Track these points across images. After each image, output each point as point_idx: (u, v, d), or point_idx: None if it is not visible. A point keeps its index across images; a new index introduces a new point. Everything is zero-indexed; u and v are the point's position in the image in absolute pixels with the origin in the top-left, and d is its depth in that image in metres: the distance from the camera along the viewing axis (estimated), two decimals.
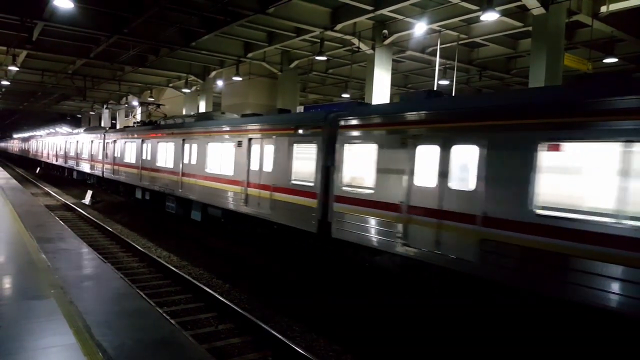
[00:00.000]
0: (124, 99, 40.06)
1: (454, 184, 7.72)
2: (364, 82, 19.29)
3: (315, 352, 6.96)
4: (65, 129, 46.59)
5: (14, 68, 22.90)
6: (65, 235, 10.10)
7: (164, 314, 6.68)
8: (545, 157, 6.49)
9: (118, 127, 40.04)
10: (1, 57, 24.11)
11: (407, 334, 7.71)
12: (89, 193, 24.54)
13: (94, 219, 17.51)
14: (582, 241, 5.98)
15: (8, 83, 31.11)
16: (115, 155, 23.62)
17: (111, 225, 17.06)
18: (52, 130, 51.39)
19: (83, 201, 23.92)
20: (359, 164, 9.63)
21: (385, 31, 17.25)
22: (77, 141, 31.92)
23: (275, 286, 10.29)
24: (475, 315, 7.68)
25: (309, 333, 7.73)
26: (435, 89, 11.94)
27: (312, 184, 10.56)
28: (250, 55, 21.46)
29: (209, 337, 7.37)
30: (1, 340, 4.54)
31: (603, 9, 13.55)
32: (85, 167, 29.83)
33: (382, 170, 8.99)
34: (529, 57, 15.50)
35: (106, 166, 25.19)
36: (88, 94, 33.80)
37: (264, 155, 12.32)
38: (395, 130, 8.79)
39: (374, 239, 9.03)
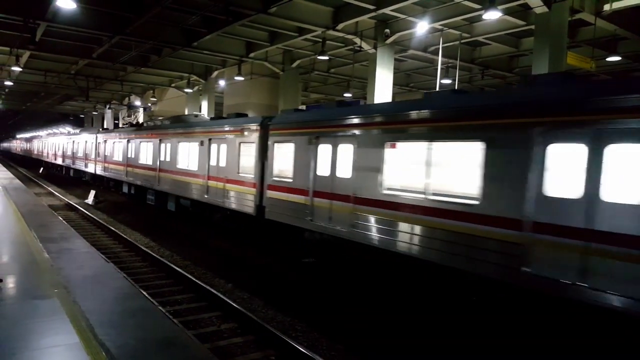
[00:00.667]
0: (127, 99, 40.13)
1: (339, 173, 10.11)
2: (366, 81, 19.27)
3: (317, 351, 6.96)
4: (62, 129, 48.34)
5: (17, 68, 22.95)
6: (69, 235, 10.14)
7: (167, 314, 6.70)
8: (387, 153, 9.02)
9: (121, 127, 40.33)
10: (4, 57, 24.19)
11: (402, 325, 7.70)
12: (92, 193, 24.61)
13: (97, 219, 17.55)
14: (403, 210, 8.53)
15: (11, 83, 31.18)
16: (106, 154, 25.96)
17: (114, 225, 17.10)
18: (50, 131, 53.54)
19: (86, 201, 23.98)
20: (283, 159, 11.93)
21: (387, 30, 17.23)
22: (73, 141, 34.24)
23: (277, 286, 10.30)
24: (463, 306, 7.68)
25: (311, 332, 7.73)
26: (343, 99, 13.82)
27: (252, 176, 12.99)
28: (252, 55, 21.47)
29: (212, 336, 7.38)
30: (5, 339, 4.55)
31: (606, 7, 13.50)
32: (80, 165, 32.16)
33: (297, 163, 11.32)
34: (531, 55, 15.46)
35: (98, 164, 27.49)
36: (91, 94, 33.87)
37: (220, 153, 14.66)
38: (305, 132, 11.13)
39: (294, 218, 11.26)
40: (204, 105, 28.05)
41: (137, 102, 37.59)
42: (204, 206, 15.84)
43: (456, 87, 18.30)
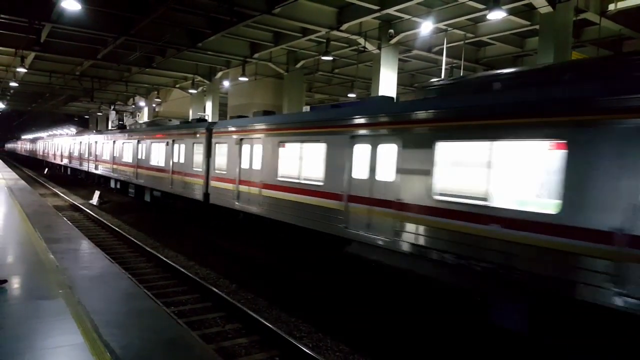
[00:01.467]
0: (131, 100, 40.25)
1: (253, 166, 13.10)
2: (370, 81, 19.25)
3: (322, 352, 6.96)
4: (61, 131, 51.15)
5: (22, 70, 23.09)
6: (73, 235, 10.17)
7: (172, 314, 6.70)
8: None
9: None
10: (10, 59, 24.32)
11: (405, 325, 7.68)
12: (97, 194, 24.70)
13: (101, 220, 17.60)
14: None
15: (16, 84, 31.36)
16: (97, 153, 28.81)
17: (119, 225, 17.15)
18: (50, 133, 56.92)
19: (91, 202, 24.07)
20: (221, 156, 14.88)
21: (392, 30, 17.21)
22: (71, 142, 37.33)
23: (282, 286, 10.30)
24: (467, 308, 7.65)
25: (316, 333, 7.72)
26: (266, 109, 15.30)
27: (201, 170, 15.80)
28: (256, 55, 21.49)
29: (217, 337, 7.38)
30: (11, 339, 4.57)
31: (611, 6, 13.44)
32: (75, 164, 35.39)
33: (230, 159, 14.23)
34: (536, 55, 15.40)
35: (90, 163, 30.43)
36: (95, 95, 34.01)
37: (180, 152, 17.56)
38: (234, 136, 14.09)
39: (229, 201, 14.22)
40: (208, 106, 28.10)
41: (142, 103, 37.71)
42: (170, 196, 18.69)
43: None
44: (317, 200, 10.47)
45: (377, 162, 9.07)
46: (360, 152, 9.49)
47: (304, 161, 11.24)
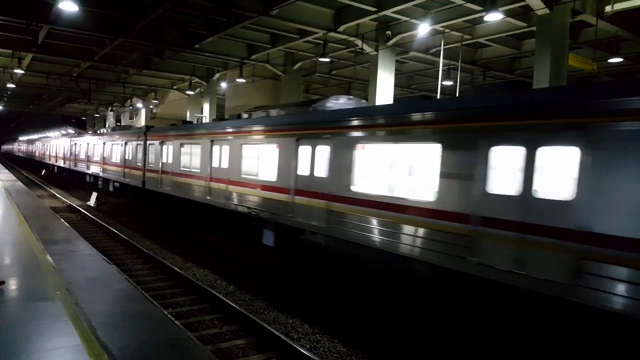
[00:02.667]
0: (129, 101, 40.20)
1: (169, 161, 17.91)
2: (368, 83, 19.28)
3: (319, 354, 6.97)
4: (51, 133, 54.99)
5: (19, 71, 23.02)
6: (71, 237, 10.16)
7: (169, 316, 6.70)
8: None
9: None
10: (7, 60, 24.26)
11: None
12: (94, 195, 24.66)
13: (99, 221, 17.58)
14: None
15: (14, 86, 31.23)
16: (76, 153, 34.06)
17: (116, 227, 17.12)
18: (41, 135, 61.07)
19: (88, 203, 24.03)
20: (152, 154, 19.61)
21: (389, 32, 17.24)
22: (57, 144, 42.49)
23: (279, 287, 10.30)
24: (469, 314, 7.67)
25: (313, 334, 7.73)
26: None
27: (141, 164, 20.80)
28: (253, 57, 21.49)
29: (214, 338, 7.38)
30: (8, 341, 4.56)
31: (608, 8, 13.49)
32: (60, 163, 40.66)
33: (155, 156, 19.26)
34: (533, 57, 15.45)
35: (71, 161, 35.60)
36: (93, 96, 33.94)
37: (129, 151, 22.51)
38: (159, 139, 19.04)
39: (155, 187, 19.18)
40: (206, 107, 28.09)
41: (139, 105, 37.67)
42: (125, 186, 23.56)
43: (457, 89, 18.30)
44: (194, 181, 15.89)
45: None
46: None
47: (191, 155, 16.41)
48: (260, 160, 12.24)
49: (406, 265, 8.31)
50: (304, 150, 10.57)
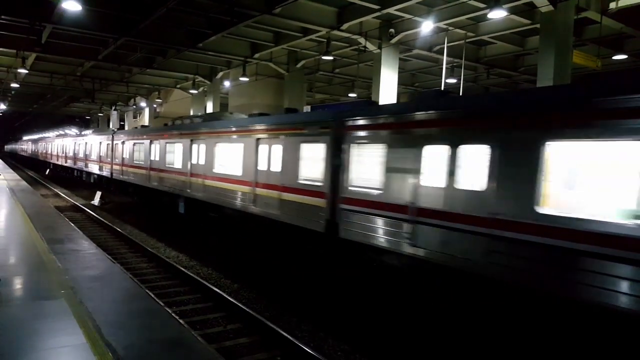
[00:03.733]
0: (132, 100, 40.27)
1: (128, 156, 23.43)
2: (371, 81, 19.24)
3: (323, 352, 6.96)
4: (48, 134, 60.68)
5: (23, 71, 23.11)
6: (75, 236, 10.19)
7: (173, 314, 6.71)
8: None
9: (126, 128, 41.59)
10: (11, 60, 24.34)
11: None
12: (98, 194, 24.73)
13: (103, 220, 17.63)
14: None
15: (18, 85, 31.38)
16: (66, 151, 39.30)
17: (120, 226, 17.17)
18: (39, 136, 66.93)
19: (92, 202, 24.10)
20: (121, 152, 23.91)
21: (392, 30, 17.19)
22: (52, 143, 48.19)
23: (283, 285, 10.30)
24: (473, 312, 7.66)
25: (317, 332, 7.73)
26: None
27: (109, 159, 25.78)
28: (256, 55, 21.48)
29: (218, 336, 7.39)
30: (13, 339, 4.58)
31: (612, 5, 13.41)
32: (54, 161, 46.22)
33: (121, 152, 23.99)
34: (537, 54, 15.38)
35: (61, 159, 42.00)
36: (96, 95, 34.04)
37: (101, 149, 27.50)
38: (121, 138, 24.23)
39: (120, 177, 24.10)
40: (209, 106, 28.12)
41: (143, 104, 37.74)
42: (101, 177, 28.93)
43: (461, 87, 18.24)
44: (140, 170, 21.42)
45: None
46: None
47: (140, 152, 21.48)
48: (175, 154, 18.15)
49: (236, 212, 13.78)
50: (195, 148, 16.52)
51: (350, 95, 29.17)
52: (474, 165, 7.14)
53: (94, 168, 29.93)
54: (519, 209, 6.41)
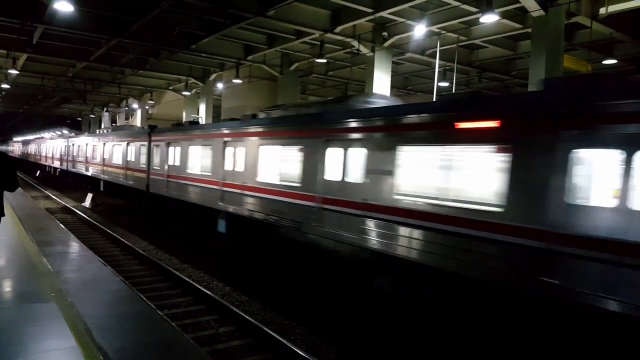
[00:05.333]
0: (124, 102, 40.06)
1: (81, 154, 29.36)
2: (364, 84, 19.29)
3: (316, 354, 6.96)
4: (43, 134, 59.57)
5: (14, 71, 22.92)
6: (66, 238, 10.11)
7: (165, 317, 6.68)
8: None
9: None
10: (1, 60, 24.13)
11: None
12: (89, 196, 24.56)
13: (94, 222, 17.51)
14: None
15: (8, 86, 31.09)
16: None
17: (111, 228, 17.06)
18: (27, 137, 68.34)
19: (83, 204, 23.94)
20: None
21: (385, 33, 17.26)
22: (35, 144, 51.23)
23: (274, 288, 10.28)
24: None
25: (310, 335, 7.72)
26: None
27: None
28: (250, 57, 21.46)
29: (210, 339, 7.36)
30: (3, 343, 4.54)
31: (602, 10, 13.56)
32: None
33: (77, 152, 30.51)
34: (528, 58, 15.50)
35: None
36: (88, 97, 33.81)
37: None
38: (74, 140, 32.15)
39: (72, 169, 31.76)
40: (202, 108, 28.03)
41: (135, 105, 37.55)
42: (67, 172, 33.19)
43: (453, 90, 18.33)
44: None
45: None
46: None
47: (94, 152, 25.56)
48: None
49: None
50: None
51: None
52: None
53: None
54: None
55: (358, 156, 8.63)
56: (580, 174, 5.62)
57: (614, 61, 17.65)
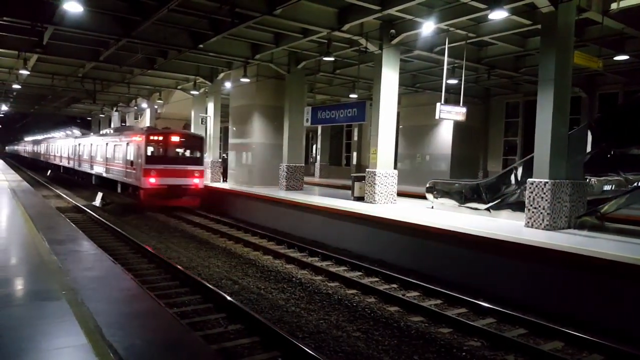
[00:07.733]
0: (133, 101, 40.31)
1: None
2: (372, 82, 19.22)
3: (325, 353, 6.96)
4: (50, 135, 65.15)
5: (24, 72, 23.13)
6: (76, 236, 10.19)
7: (174, 315, 6.71)
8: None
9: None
10: (12, 61, 24.37)
11: None
12: (99, 195, 24.77)
13: (104, 221, 17.65)
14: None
15: (19, 87, 31.40)
16: (38, 150, 55.60)
17: (121, 226, 17.18)
18: (35, 138, 72.83)
19: (93, 203, 24.14)
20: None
21: (393, 31, 17.17)
22: (38, 144, 59.37)
23: (284, 286, 10.30)
24: None
25: (319, 334, 7.72)
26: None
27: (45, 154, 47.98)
28: (257, 56, 21.47)
29: (219, 337, 7.39)
30: (14, 340, 4.58)
31: (613, 5, 13.35)
32: (41, 158, 56.48)
33: (47, 150, 52.23)
34: (538, 55, 15.34)
35: (41, 156, 54.62)
36: (98, 96, 34.05)
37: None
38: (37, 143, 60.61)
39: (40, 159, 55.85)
40: (210, 107, 28.09)
41: (144, 105, 37.77)
42: (48, 164, 47.41)
43: (462, 88, 18.23)
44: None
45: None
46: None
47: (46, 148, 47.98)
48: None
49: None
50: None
51: (352, 96, 29.15)
52: None
53: (43, 160, 39.80)
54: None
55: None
56: None
57: (625, 57, 17.41)
